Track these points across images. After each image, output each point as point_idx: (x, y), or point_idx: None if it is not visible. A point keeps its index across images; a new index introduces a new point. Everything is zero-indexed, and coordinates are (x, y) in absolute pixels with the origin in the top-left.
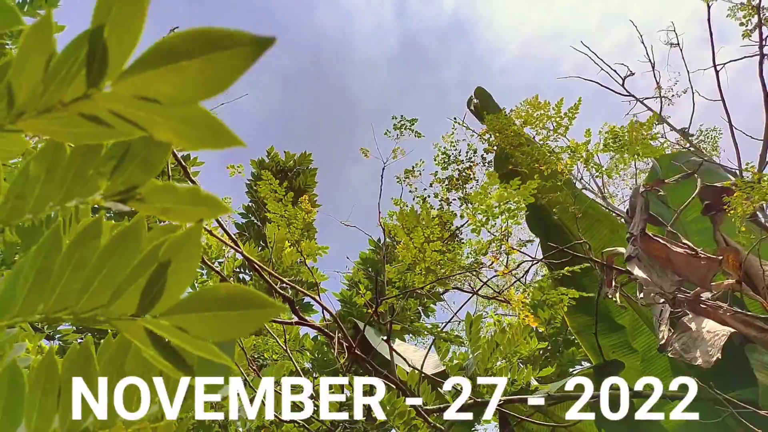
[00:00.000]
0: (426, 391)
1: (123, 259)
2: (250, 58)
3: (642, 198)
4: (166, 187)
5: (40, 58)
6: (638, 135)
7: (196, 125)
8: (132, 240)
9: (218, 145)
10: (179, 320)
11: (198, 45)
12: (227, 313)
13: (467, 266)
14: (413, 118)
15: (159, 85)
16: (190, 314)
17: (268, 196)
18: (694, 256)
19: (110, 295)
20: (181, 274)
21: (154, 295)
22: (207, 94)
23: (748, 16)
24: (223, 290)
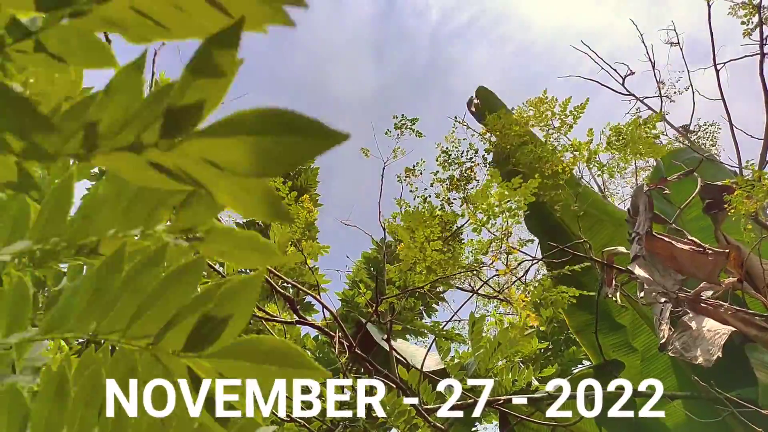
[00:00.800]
0: (426, 390)
1: (181, 292)
2: (321, 149)
3: (646, 197)
4: (226, 231)
5: (124, 99)
6: (641, 133)
7: (254, 195)
8: (192, 276)
9: (270, 218)
10: (221, 365)
11: (272, 125)
12: (267, 367)
13: (468, 265)
14: (414, 118)
15: (225, 153)
16: (232, 360)
17: None
18: (700, 252)
19: (162, 326)
20: (234, 319)
21: (203, 337)
22: (270, 172)
23: (749, 15)
24: (267, 343)
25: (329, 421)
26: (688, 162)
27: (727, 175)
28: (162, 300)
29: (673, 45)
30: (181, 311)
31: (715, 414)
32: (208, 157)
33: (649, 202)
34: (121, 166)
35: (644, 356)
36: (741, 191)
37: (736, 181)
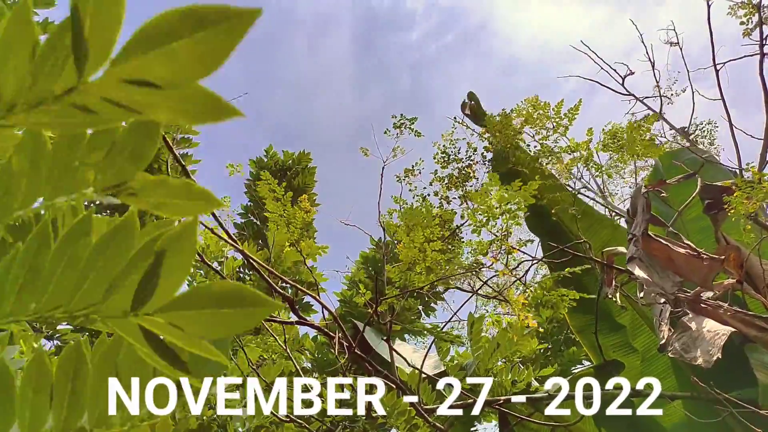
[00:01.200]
0: (426, 390)
1: (116, 255)
2: (239, 32)
3: (643, 198)
4: (159, 182)
5: (23, 49)
6: (637, 134)
7: (194, 101)
8: (124, 236)
9: (218, 118)
10: (174, 317)
11: (185, 24)
12: (222, 311)
13: (467, 266)
14: (413, 117)
15: (152, 69)
16: (185, 311)
17: (267, 196)
18: (695, 256)
19: (104, 292)
20: (175, 270)
21: (148, 292)
22: (202, 72)
23: (748, 14)
24: (218, 287)
25: (329, 421)
26: (687, 162)
27: (727, 175)
28: (99, 266)
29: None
30: (120, 273)
31: (714, 414)
32: (136, 79)
33: (647, 204)
34: (43, 121)
35: (644, 356)
36: (741, 192)
37: (735, 182)
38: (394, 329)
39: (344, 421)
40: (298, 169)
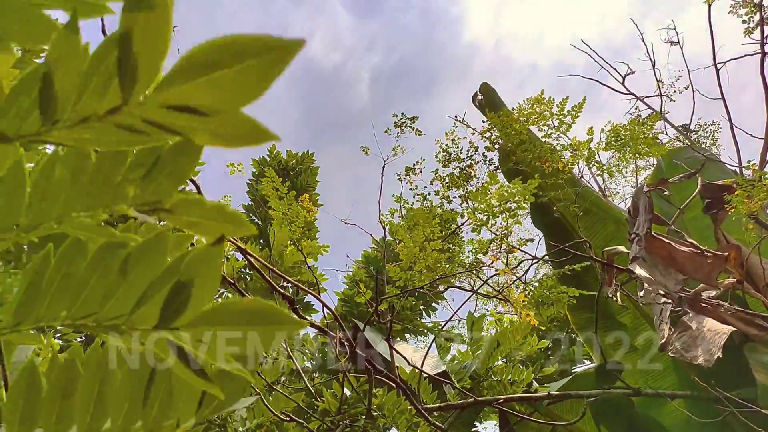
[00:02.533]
0: (426, 390)
1: (148, 268)
2: (282, 63)
3: (646, 198)
4: (194, 201)
5: (71, 65)
6: (640, 133)
7: (234, 126)
8: (157, 250)
9: (256, 142)
10: (200, 333)
11: (228, 55)
12: (245, 329)
13: (468, 265)
14: (414, 116)
15: (195, 96)
16: (210, 327)
17: (271, 194)
18: (699, 254)
19: (133, 304)
20: (203, 287)
21: (177, 307)
22: (244, 101)
23: (750, 13)
24: (244, 305)
25: (329, 420)
26: (688, 161)
27: (728, 174)
28: (131, 278)
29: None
30: (150, 286)
31: (715, 414)
32: (179, 104)
33: (649, 203)
34: (85, 137)
35: (645, 355)
36: (741, 191)
37: (736, 180)
38: (395, 329)
39: (344, 421)
40: (301, 169)
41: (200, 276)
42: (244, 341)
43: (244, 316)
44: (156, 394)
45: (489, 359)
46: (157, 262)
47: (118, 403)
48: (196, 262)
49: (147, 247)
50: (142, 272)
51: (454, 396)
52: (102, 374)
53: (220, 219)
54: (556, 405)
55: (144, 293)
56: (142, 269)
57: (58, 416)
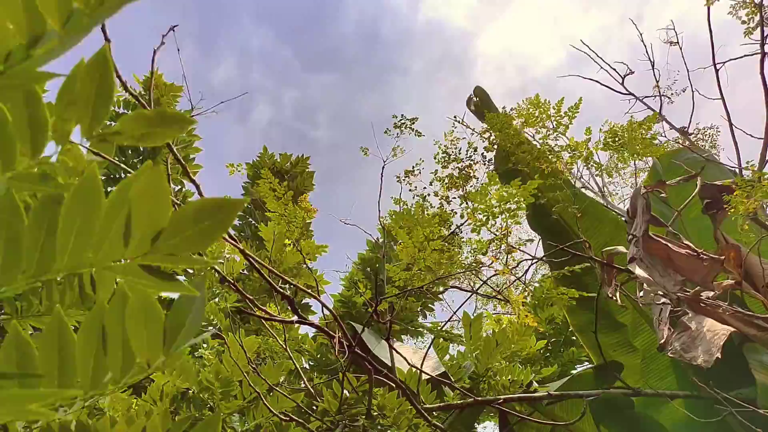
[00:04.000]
0: (426, 390)
1: (89, 210)
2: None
3: (643, 199)
4: (136, 116)
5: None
6: (637, 134)
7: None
8: (91, 191)
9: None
10: (168, 247)
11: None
12: (203, 225)
13: (467, 266)
14: (413, 117)
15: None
16: (174, 239)
17: (268, 195)
18: (695, 256)
19: (93, 246)
20: (155, 209)
21: (135, 235)
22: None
23: (750, 14)
24: (191, 207)
25: (329, 420)
26: (687, 162)
27: (727, 175)
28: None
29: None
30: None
31: (714, 414)
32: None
33: (647, 204)
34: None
35: (644, 355)
36: (740, 191)
37: (735, 181)
38: (393, 329)
39: (344, 421)
40: (296, 172)
41: (149, 197)
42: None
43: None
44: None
45: (488, 359)
46: (94, 204)
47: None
48: (141, 186)
49: (80, 191)
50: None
51: (453, 396)
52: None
53: (164, 124)
54: (555, 405)
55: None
56: (85, 212)
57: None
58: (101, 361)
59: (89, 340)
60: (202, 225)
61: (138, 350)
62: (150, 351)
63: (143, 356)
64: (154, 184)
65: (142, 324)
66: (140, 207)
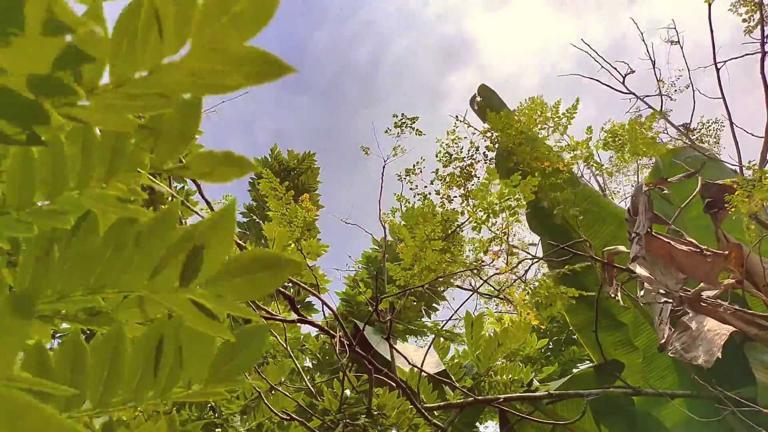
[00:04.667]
0: (427, 390)
1: (159, 239)
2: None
3: (645, 197)
4: (205, 154)
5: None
6: (639, 133)
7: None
8: (167, 222)
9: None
10: (218, 288)
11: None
12: (255, 276)
13: (468, 264)
14: (414, 116)
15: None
16: (224, 282)
17: (269, 194)
18: (698, 253)
19: (150, 272)
20: (217, 249)
21: (193, 270)
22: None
23: (750, 12)
24: (249, 256)
25: (329, 419)
26: (689, 161)
27: (728, 174)
28: (144, 249)
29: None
30: (167, 252)
31: (715, 413)
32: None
33: (649, 203)
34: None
35: (645, 355)
36: (742, 191)
37: (736, 180)
38: (396, 329)
39: (345, 420)
40: (302, 169)
41: (213, 239)
42: (253, 287)
43: (251, 265)
44: (166, 361)
45: (489, 359)
46: (168, 232)
47: (129, 376)
48: (210, 225)
49: (158, 221)
50: (156, 243)
51: (454, 396)
52: (111, 349)
53: (229, 164)
54: (556, 404)
55: (161, 261)
56: (155, 241)
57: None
58: (148, 373)
59: (145, 349)
60: (255, 276)
61: (187, 368)
62: (196, 373)
63: (188, 375)
64: (224, 224)
65: (194, 345)
66: (207, 243)
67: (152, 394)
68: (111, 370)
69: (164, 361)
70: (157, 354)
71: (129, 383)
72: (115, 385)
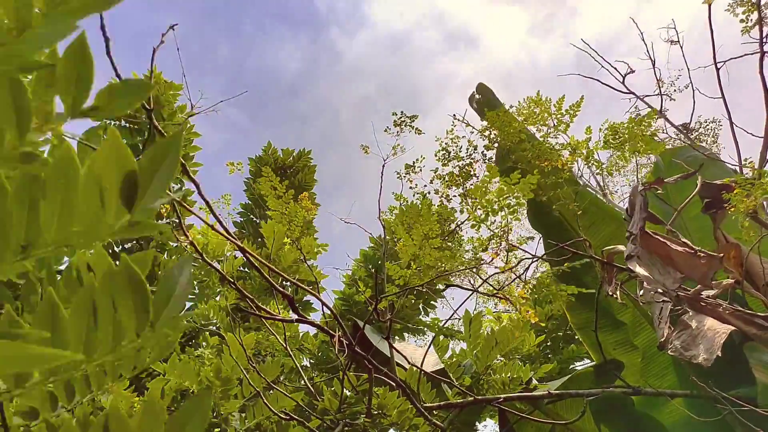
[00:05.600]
0: (426, 389)
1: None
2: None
3: (641, 196)
4: (105, 89)
5: None
6: (638, 131)
7: None
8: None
9: None
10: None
11: None
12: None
13: (467, 262)
14: (413, 115)
15: None
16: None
17: (268, 193)
18: (693, 254)
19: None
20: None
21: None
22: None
23: (747, 12)
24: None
25: (328, 419)
26: (688, 160)
27: (727, 173)
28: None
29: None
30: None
31: (715, 413)
32: None
33: (644, 202)
34: None
35: (645, 354)
36: (740, 190)
37: (735, 179)
38: (395, 327)
39: (344, 419)
40: (298, 167)
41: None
42: None
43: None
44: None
45: (488, 357)
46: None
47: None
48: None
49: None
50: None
51: (453, 395)
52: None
53: (129, 91)
54: (555, 404)
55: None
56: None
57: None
58: (92, 335)
59: (80, 314)
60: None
61: (127, 323)
62: (138, 323)
63: (131, 328)
64: (115, 149)
65: (129, 297)
66: (109, 174)
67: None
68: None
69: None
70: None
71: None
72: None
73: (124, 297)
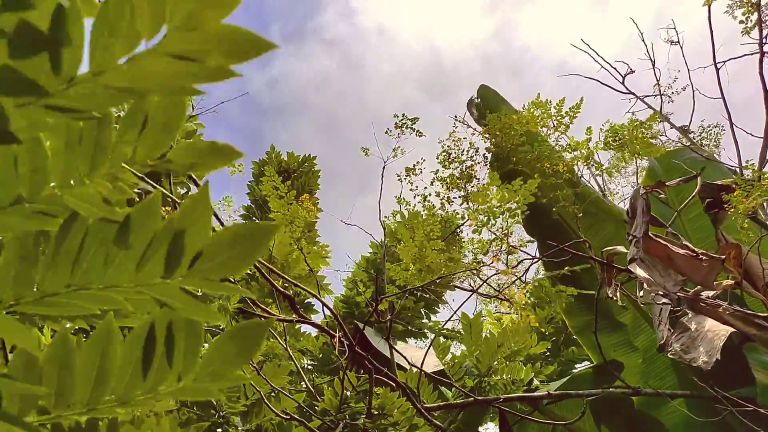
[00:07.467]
0: (427, 390)
1: (141, 233)
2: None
3: (642, 200)
4: (188, 145)
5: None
6: (638, 133)
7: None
8: (148, 215)
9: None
10: (205, 272)
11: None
12: (238, 250)
13: (467, 265)
14: (414, 117)
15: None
16: (209, 264)
17: (271, 194)
18: (695, 257)
19: (135, 266)
20: (196, 234)
21: (177, 258)
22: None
23: (747, 13)
24: (227, 233)
25: (329, 419)
26: (687, 162)
27: (727, 174)
28: (129, 242)
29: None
30: (150, 244)
31: (715, 413)
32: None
33: (646, 205)
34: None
35: (645, 355)
36: (740, 191)
37: (735, 180)
38: (396, 330)
39: (344, 419)
40: (302, 171)
41: (192, 223)
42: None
43: (233, 241)
44: (156, 355)
45: (489, 359)
46: (150, 225)
47: (120, 373)
48: (185, 212)
49: (138, 215)
50: (138, 237)
51: (453, 396)
52: (101, 347)
53: (214, 154)
54: (556, 404)
55: (144, 253)
56: (137, 234)
57: (57, 391)
58: (138, 371)
59: (135, 345)
60: (237, 250)
61: (176, 362)
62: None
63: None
64: (200, 208)
65: (184, 337)
66: (186, 229)
67: (140, 393)
68: (100, 369)
69: (155, 356)
70: (147, 348)
71: (119, 381)
72: (105, 383)
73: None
